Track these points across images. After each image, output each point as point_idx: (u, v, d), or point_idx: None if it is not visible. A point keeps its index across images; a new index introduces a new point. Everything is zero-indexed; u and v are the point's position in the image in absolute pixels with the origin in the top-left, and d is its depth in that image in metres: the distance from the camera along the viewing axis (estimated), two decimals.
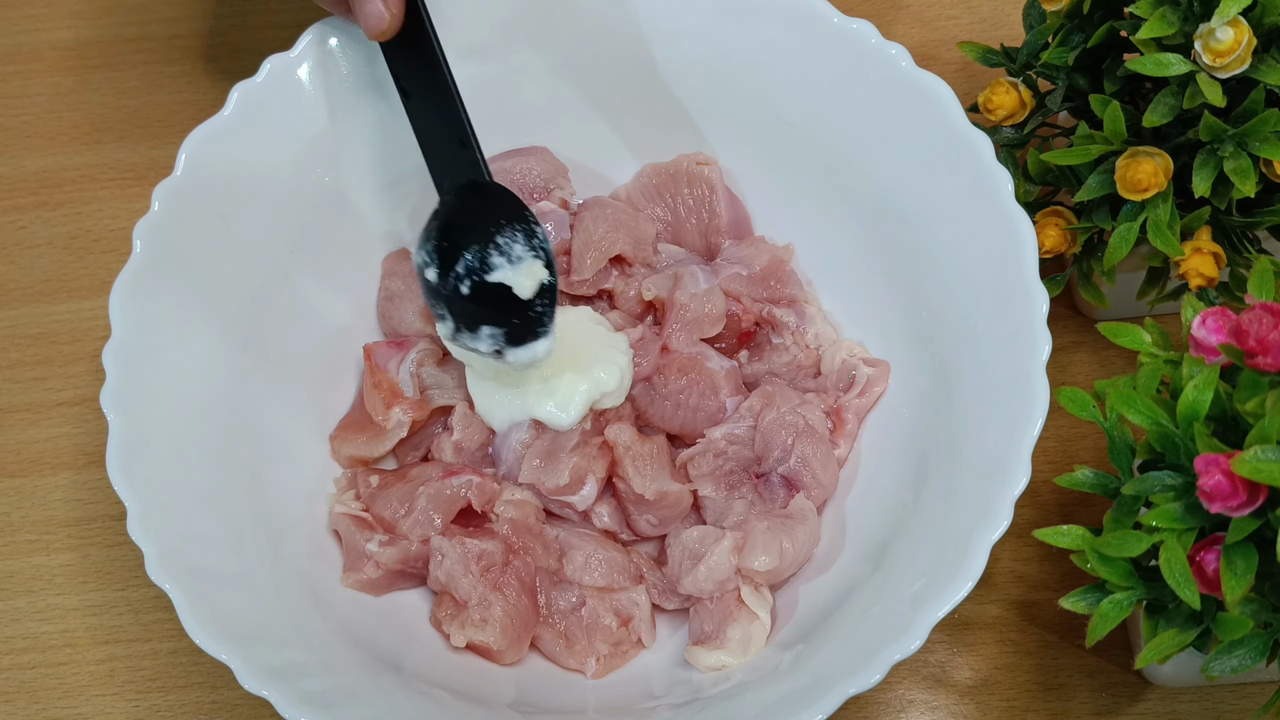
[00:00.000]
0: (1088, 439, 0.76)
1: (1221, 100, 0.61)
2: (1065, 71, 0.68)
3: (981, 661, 0.71)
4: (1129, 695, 0.69)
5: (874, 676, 0.57)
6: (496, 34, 0.74)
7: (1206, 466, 0.50)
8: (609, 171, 0.78)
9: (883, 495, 0.69)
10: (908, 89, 0.67)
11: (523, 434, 0.71)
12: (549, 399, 0.69)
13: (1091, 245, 0.69)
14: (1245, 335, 0.52)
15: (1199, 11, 0.61)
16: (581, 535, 0.71)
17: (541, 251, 0.67)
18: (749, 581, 0.67)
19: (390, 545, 0.69)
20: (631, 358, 0.71)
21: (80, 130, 0.89)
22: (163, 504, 0.63)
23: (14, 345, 0.82)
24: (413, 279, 0.75)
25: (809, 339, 0.74)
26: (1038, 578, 0.72)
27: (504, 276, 0.66)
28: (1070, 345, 0.77)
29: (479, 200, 0.68)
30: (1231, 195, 0.64)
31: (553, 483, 0.69)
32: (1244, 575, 0.51)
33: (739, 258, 0.75)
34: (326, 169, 0.73)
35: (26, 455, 0.79)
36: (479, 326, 0.67)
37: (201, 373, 0.68)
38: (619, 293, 0.75)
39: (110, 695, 0.73)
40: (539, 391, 0.70)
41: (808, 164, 0.74)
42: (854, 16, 0.69)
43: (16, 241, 0.86)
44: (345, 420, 0.75)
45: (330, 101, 0.72)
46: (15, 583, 0.76)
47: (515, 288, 0.66)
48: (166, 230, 0.67)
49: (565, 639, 0.69)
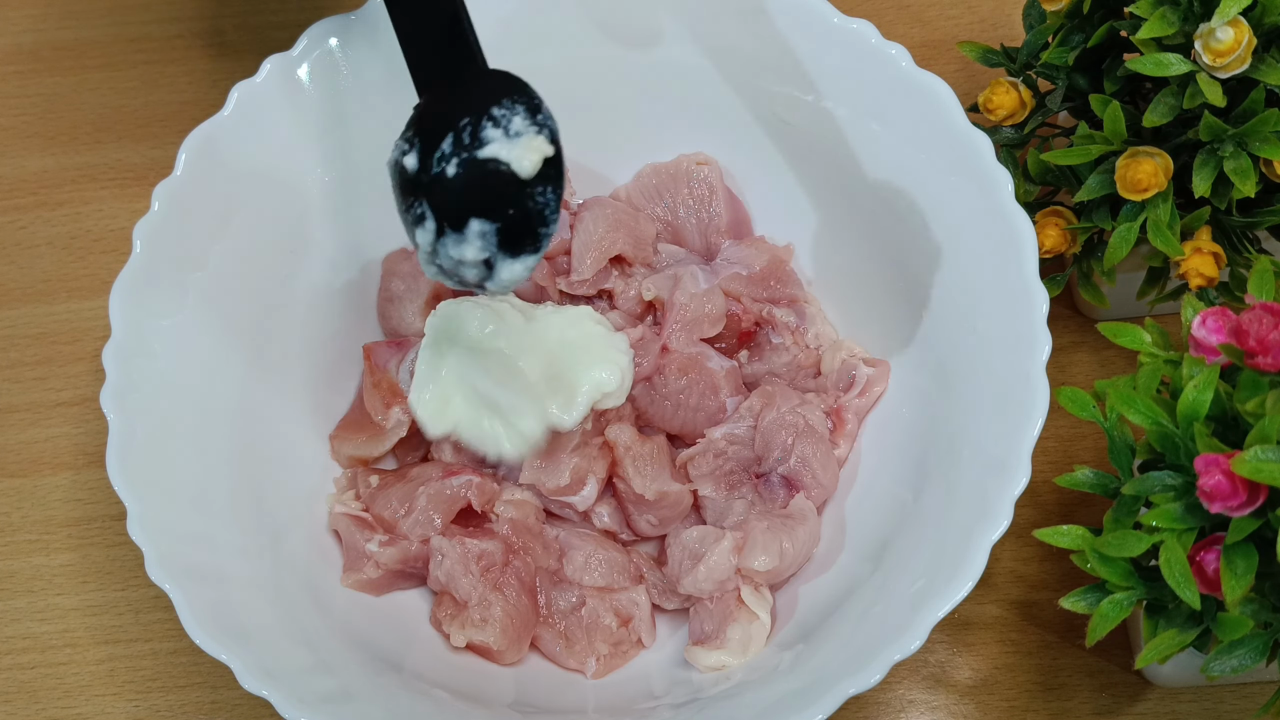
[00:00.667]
0: (1088, 439, 0.76)
1: (1221, 100, 0.61)
2: (1065, 71, 0.68)
3: (981, 661, 0.71)
4: (1129, 695, 0.69)
5: (874, 676, 0.58)
6: (496, 34, 0.73)
7: (1206, 466, 0.50)
8: (609, 171, 0.78)
9: (883, 495, 0.69)
10: (908, 89, 0.67)
11: None
12: (550, 402, 0.69)
13: (1091, 245, 0.69)
14: (1245, 335, 0.52)
15: (1199, 11, 0.61)
16: (581, 535, 0.71)
17: (546, 130, 0.57)
18: (749, 581, 0.67)
19: (390, 545, 0.69)
20: (632, 358, 0.71)
21: (80, 130, 0.89)
22: (163, 504, 0.63)
23: (14, 345, 0.82)
24: (413, 279, 0.75)
25: (809, 339, 0.74)
26: (1038, 578, 0.72)
27: (499, 151, 0.56)
28: (1070, 345, 0.77)
29: (471, 84, 0.58)
30: (1231, 195, 0.64)
31: (553, 483, 0.69)
32: (1244, 575, 0.51)
33: (739, 258, 0.75)
34: (326, 169, 0.73)
35: (26, 455, 0.79)
36: (467, 221, 0.56)
37: (201, 373, 0.68)
38: (619, 293, 0.75)
39: (110, 695, 0.73)
40: (539, 395, 0.69)
41: (808, 164, 0.74)
42: (854, 16, 0.69)
43: (16, 241, 0.86)
44: (345, 420, 0.75)
45: (330, 101, 0.72)
46: (15, 583, 0.76)
47: (513, 164, 0.56)
48: (166, 230, 0.67)
49: (565, 639, 0.69)
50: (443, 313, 0.69)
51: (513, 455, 0.68)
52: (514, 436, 0.67)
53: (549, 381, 0.69)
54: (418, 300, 0.75)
